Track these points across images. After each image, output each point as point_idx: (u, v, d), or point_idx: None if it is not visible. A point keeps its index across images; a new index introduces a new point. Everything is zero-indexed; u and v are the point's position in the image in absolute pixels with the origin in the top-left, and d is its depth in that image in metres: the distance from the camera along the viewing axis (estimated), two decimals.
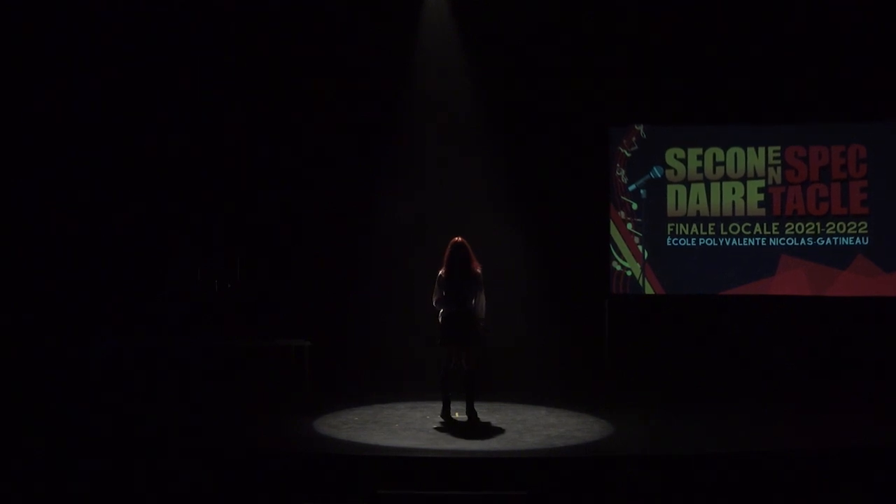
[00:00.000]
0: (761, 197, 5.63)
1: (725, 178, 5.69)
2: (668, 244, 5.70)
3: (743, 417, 4.79)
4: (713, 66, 5.68)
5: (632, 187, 5.72)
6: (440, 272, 4.66)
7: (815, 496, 3.68)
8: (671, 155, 5.72)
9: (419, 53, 5.83)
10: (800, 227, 5.58)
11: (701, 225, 5.69)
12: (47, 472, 3.61)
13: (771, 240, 5.61)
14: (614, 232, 5.73)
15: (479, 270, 4.62)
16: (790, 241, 5.59)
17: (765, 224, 5.61)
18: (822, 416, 4.80)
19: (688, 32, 5.67)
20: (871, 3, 5.51)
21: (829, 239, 5.55)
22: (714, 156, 5.70)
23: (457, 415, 4.68)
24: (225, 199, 5.72)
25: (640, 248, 5.70)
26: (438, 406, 4.77)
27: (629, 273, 5.70)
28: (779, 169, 5.61)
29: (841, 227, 5.54)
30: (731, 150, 5.68)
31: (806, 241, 5.57)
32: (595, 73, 5.70)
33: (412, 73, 5.80)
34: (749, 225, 5.64)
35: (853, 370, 5.45)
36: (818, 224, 5.57)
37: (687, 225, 5.71)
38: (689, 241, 5.69)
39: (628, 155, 5.75)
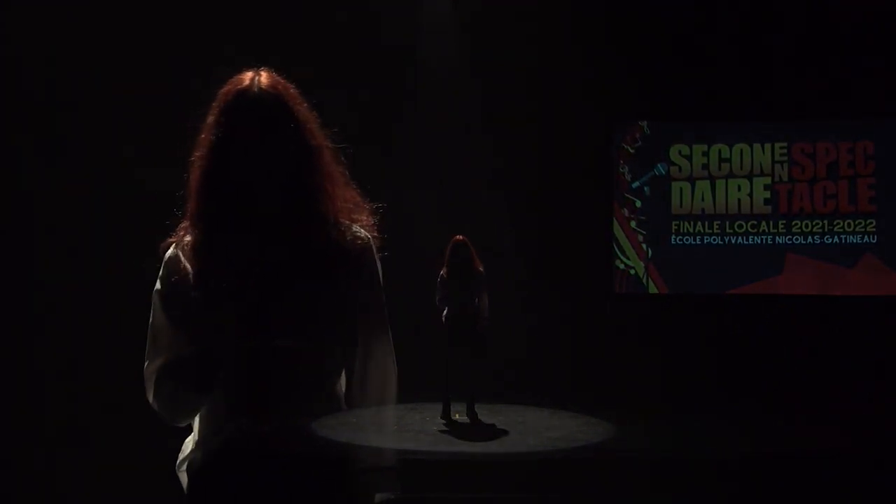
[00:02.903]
0: (767, 194, 5.55)
1: (731, 175, 5.60)
2: (673, 242, 5.63)
3: (744, 418, 4.74)
4: (718, 61, 5.60)
5: (635, 184, 5.65)
6: (441, 272, 4.61)
7: (815, 497, 3.64)
8: (675, 151, 5.64)
9: (418, 49, 5.78)
10: (806, 225, 5.50)
11: (706, 223, 5.61)
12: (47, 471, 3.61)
13: (777, 238, 5.54)
14: (617, 230, 5.66)
15: (481, 269, 4.57)
16: (797, 240, 5.51)
17: (771, 222, 5.53)
18: (821, 416, 4.75)
19: (692, 26, 5.61)
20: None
21: (836, 237, 5.47)
22: (719, 152, 5.61)
23: (457, 416, 4.60)
24: None
25: (643, 246, 5.63)
26: (438, 407, 4.65)
27: (632, 272, 5.63)
28: (785, 166, 5.53)
29: (849, 225, 5.45)
30: (737, 147, 5.60)
31: (813, 240, 5.50)
32: (597, 68, 5.64)
33: (411, 69, 5.75)
34: (755, 223, 5.56)
35: (856, 370, 5.38)
36: (825, 222, 5.48)
37: (691, 223, 5.63)
38: (694, 240, 5.62)
39: (631, 151, 5.67)
